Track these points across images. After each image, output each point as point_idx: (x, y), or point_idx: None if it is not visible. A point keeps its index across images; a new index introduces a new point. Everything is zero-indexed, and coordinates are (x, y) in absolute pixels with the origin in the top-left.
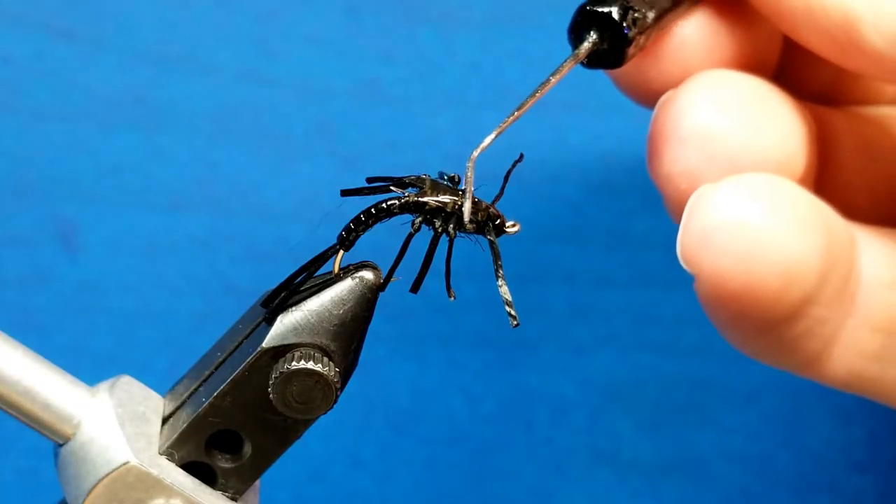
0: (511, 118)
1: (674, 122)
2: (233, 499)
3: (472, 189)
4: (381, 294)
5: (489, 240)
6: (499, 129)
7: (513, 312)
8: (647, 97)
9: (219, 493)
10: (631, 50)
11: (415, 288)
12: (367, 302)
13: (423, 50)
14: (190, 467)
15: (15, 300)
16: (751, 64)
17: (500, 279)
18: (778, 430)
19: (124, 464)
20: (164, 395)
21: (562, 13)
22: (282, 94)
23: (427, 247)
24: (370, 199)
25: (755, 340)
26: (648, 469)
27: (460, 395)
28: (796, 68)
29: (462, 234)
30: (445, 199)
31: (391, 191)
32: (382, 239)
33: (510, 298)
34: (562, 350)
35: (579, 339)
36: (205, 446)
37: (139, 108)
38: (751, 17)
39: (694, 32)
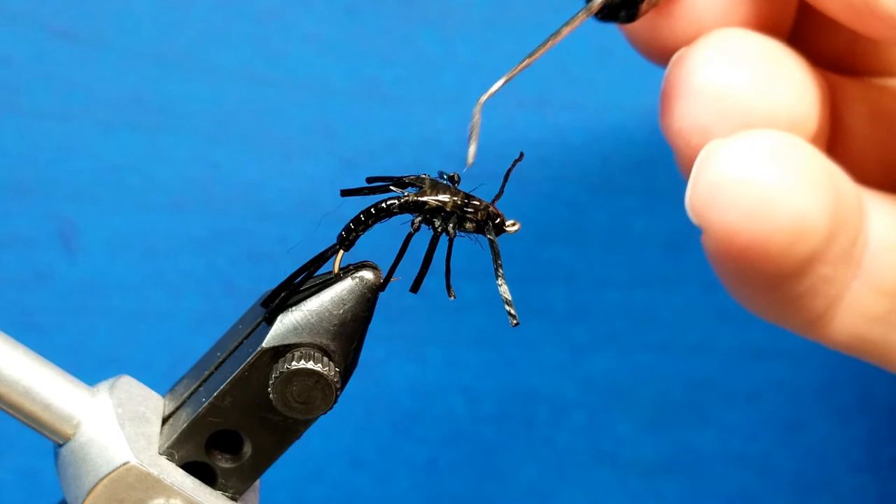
0: (520, 65)
1: (687, 77)
2: (233, 499)
3: (478, 134)
4: (381, 294)
5: (489, 239)
6: (507, 76)
7: (513, 312)
8: (660, 54)
9: (219, 492)
10: (644, 6)
11: (415, 288)
12: (367, 302)
13: (423, 50)
14: (190, 467)
15: (15, 300)
16: (765, 26)
17: (500, 279)
18: (778, 430)
19: (124, 464)
20: (164, 395)
21: (562, 13)
22: (282, 94)
23: (427, 246)
24: (370, 199)
25: (760, 296)
26: (648, 469)
27: (460, 395)
28: (810, 34)
29: (462, 234)
30: (445, 198)
31: (391, 191)
32: (382, 239)
33: (510, 298)
34: (562, 350)
35: (579, 339)
36: (205, 446)
37: (139, 108)
38: None
39: None
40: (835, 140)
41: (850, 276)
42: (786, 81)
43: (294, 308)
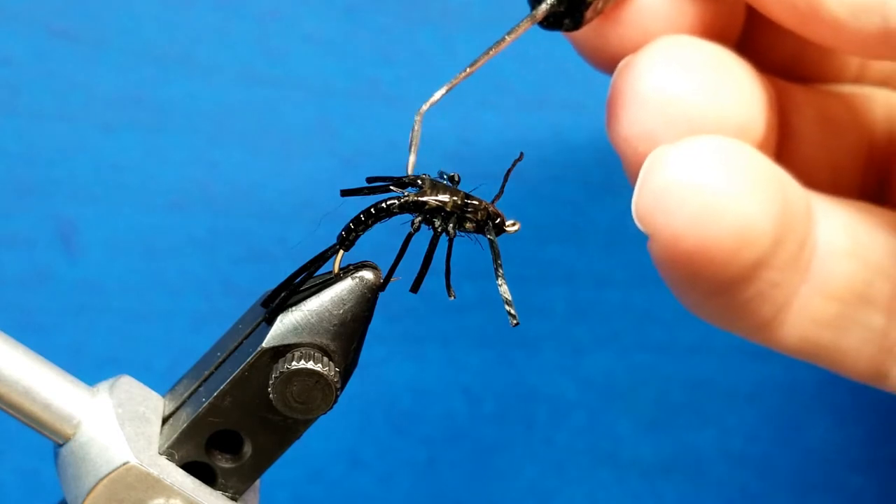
0: (462, 74)
1: (633, 84)
2: (233, 499)
3: (418, 143)
4: (381, 294)
5: (489, 239)
6: (449, 85)
7: (513, 312)
8: (607, 62)
9: (219, 492)
10: (589, 13)
11: (415, 288)
12: (367, 302)
13: (423, 50)
14: (190, 467)
15: (15, 300)
16: (712, 33)
17: (500, 278)
18: (778, 430)
19: (124, 464)
20: (164, 395)
21: None
22: (282, 94)
23: (427, 246)
24: (370, 199)
25: (708, 302)
26: (648, 469)
27: (460, 395)
28: (758, 40)
29: (462, 234)
30: (445, 198)
31: (391, 191)
32: (382, 239)
33: (510, 298)
34: (562, 350)
35: (579, 339)
36: (205, 446)
37: (139, 108)
38: None
39: None
40: (783, 145)
41: (798, 281)
42: (733, 88)
43: (294, 308)
